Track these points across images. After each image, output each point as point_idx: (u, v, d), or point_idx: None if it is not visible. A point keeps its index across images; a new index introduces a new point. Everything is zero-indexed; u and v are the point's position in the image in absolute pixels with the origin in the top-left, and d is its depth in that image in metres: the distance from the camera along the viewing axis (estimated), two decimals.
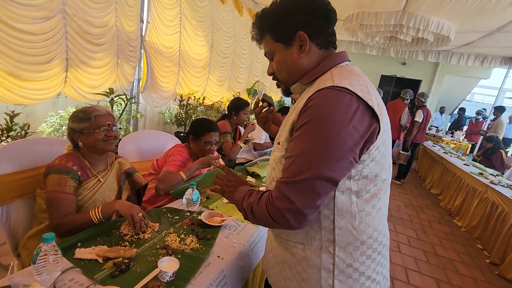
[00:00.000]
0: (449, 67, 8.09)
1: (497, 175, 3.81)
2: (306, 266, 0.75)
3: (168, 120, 4.55)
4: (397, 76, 8.42)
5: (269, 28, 0.77)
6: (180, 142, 1.96)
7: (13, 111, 2.25)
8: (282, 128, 0.80)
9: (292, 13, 0.73)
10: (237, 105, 2.45)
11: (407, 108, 5.47)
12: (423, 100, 4.88)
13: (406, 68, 8.52)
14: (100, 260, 0.90)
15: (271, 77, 0.84)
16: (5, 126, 2.16)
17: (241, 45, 5.16)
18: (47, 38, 2.35)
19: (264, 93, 1.01)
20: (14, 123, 2.22)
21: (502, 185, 3.24)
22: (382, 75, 8.79)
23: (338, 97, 0.63)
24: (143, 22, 3.49)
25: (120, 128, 1.31)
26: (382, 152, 0.69)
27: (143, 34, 3.49)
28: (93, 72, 2.88)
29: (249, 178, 1.96)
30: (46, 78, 2.46)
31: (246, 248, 1.15)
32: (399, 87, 9.22)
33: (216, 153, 2.04)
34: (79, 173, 1.17)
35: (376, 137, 0.66)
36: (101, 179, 1.25)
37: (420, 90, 8.59)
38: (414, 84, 8.71)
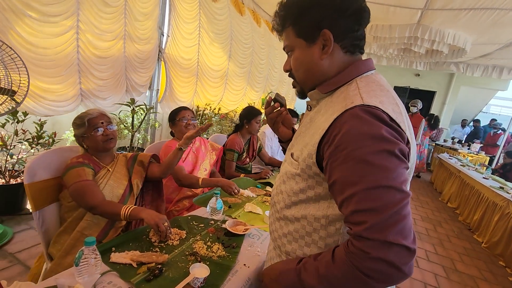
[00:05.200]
0: (465, 78, 7.98)
1: None
2: None
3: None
4: (410, 87, 8.36)
5: (292, 20, 0.69)
6: None
7: (40, 120, 2.37)
8: (297, 139, 0.74)
9: (320, 6, 0.65)
10: (249, 113, 2.44)
11: (424, 119, 5.51)
12: None
13: (420, 79, 8.46)
14: (134, 265, 0.94)
15: (287, 73, 0.77)
16: (35, 134, 2.27)
17: (259, 55, 5.28)
18: (57, 52, 2.36)
19: (277, 93, 0.92)
20: (43, 131, 2.34)
21: None
22: (395, 86, 8.74)
23: (369, 117, 0.56)
24: (163, 35, 3.64)
25: (116, 128, 1.37)
26: (409, 172, 0.64)
27: (163, 47, 3.63)
28: (100, 83, 2.87)
29: (268, 188, 1.98)
30: (63, 90, 2.50)
31: None
32: (413, 98, 9.15)
33: (214, 144, 2.16)
34: (91, 165, 1.27)
35: (410, 153, 0.59)
36: (109, 169, 1.34)
37: (434, 102, 8.49)
38: (428, 95, 8.61)
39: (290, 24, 0.70)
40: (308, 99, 0.78)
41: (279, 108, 0.93)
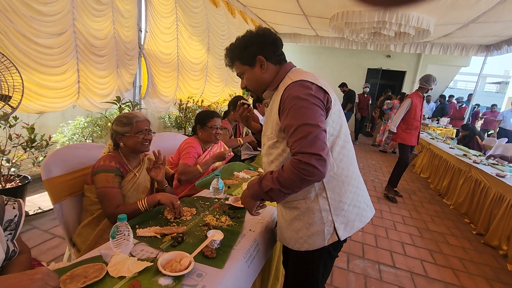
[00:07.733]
0: (431, 57, 8.49)
1: (479, 155, 4.14)
2: (310, 213, 1.03)
3: (169, 124, 4.73)
4: (382, 68, 8.77)
5: (237, 56, 1.09)
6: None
7: (28, 123, 2.40)
8: (266, 125, 1.10)
9: (252, 44, 1.06)
10: (236, 102, 2.61)
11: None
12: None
13: (391, 60, 8.88)
14: (159, 236, 1.10)
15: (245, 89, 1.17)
16: (28, 138, 2.31)
17: None
18: (61, 51, 2.51)
19: (242, 98, 1.22)
20: (35, 134, 2.38)
21: (484, 164, 3.55)
22: (368, 69, 9.13)
23: (299, 84, 0.95)
24: (141, 31, 3.65)
25: (154, 133, 1.51)
26: (338, 115, 1.03)
27: (142, 43, 3.65)
28: (100, 81, 3.03)
29: (260, 170, 2.18)
30: (62, 87, 2.63)
31: (270, 223, 1.37)
32: (386, 79, 9.57)
33: (226, 147, 2.26)
34: (121, 170, 1.38)
35: (331, 105, 0.98)
36: (136, 174, 1.46)
37: (405, 81, 8.98)
38: (399, 75, 9.08)
39: (237, 59, 1.10)
40: (264, 100, 1.16)
41: (246, 107, 1.32)
